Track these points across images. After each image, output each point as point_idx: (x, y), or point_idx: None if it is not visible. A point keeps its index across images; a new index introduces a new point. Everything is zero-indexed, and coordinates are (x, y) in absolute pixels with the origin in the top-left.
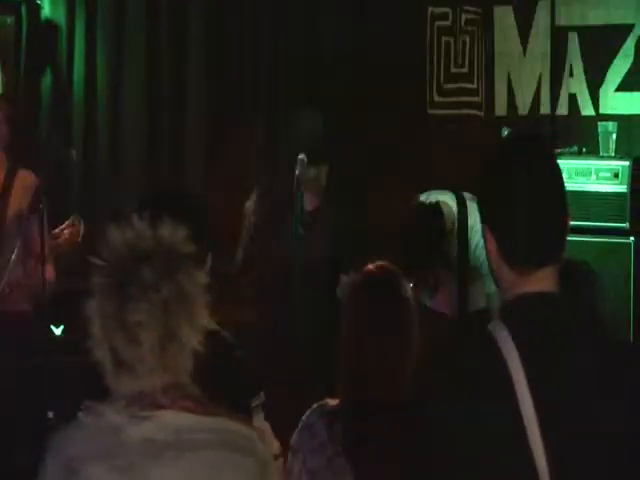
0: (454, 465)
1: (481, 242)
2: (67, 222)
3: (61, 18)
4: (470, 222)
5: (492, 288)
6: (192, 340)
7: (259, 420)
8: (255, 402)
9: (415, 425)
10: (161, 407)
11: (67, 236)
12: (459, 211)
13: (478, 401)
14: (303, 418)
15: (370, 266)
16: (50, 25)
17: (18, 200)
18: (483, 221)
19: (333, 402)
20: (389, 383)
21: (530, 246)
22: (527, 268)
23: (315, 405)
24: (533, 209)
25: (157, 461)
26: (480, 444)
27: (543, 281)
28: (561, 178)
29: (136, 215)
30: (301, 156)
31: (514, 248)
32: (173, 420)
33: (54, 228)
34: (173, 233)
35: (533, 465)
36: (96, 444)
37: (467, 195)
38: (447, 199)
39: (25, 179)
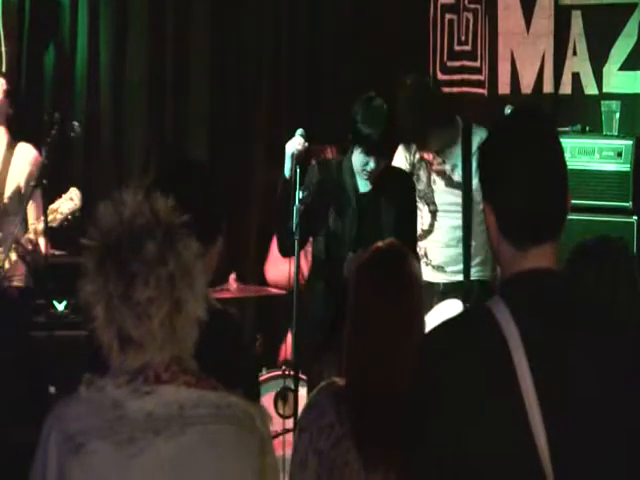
0: (453, 442)
1: None
2: (64, 196)
3: None
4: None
5: None
6: (197, 310)
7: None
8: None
9: (414, 405)
10: (163, 382)
11: (65, 211)
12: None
13: (477, 378)
14: (311, 396)
15: (379, 243)
16: (53, 1)
17: (17, 173)
18: (483, 197)
19: (341, 381)
20: (396, 361)
21: (527, 222)
22: (525, 244)
23: (323, 383)
24: (531, 185)
25: (159, 436)
26: (479, 421)
27: (541, 258)
28: (562, 154)
29: (128, 190)
30: (300, 131)
31: (512, 223)
32: (175, 395)
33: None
34: (167, 204)
35: (533, 442)
36: (98, 418)
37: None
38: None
39: (25, 152)
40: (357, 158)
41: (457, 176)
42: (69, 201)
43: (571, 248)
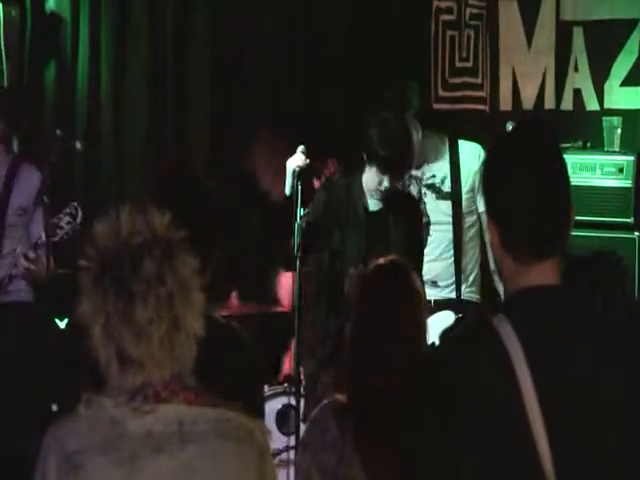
0: (456, 457)
1: None
2: (64, 211)
3: (65, 10)
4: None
5: None
6: (195, 326)
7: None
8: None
9: (415, 417)
10: (162, 400)
11: (65, 226)
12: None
13: (480, 394)
14: (313, 414)
15: (380, 259)
16: (54, 17)
17: (21, 192)
18: (487, 212)
19: (342, 397)
20: (397, 373)
21: (530, 237)
22: (528, 259)
23: (325, 401)
24: (534, 200)
25: (159, 453)
26: (482, 435)
27: (544, 273)
28: (564, 169)
29: (124, 207)
30: (301, 148)
31: (514, 239)
32: (174, 412)
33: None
34: (163, 220)
35: (537, 457)
36: (98, 437)
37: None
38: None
39: (28, 173)
40: (370, 177)
41: (446, 187)
42: (68, 216)
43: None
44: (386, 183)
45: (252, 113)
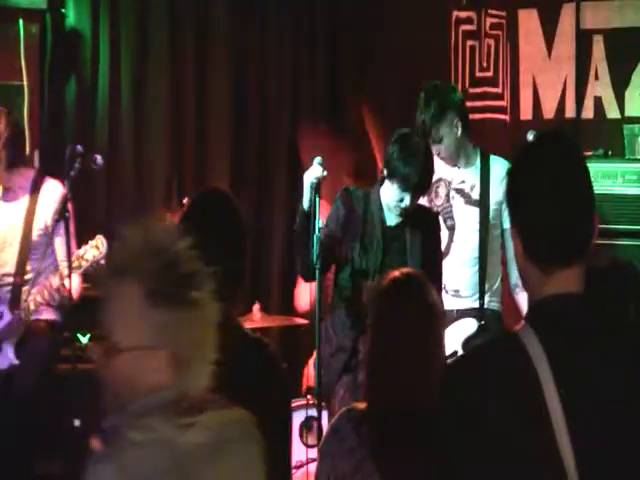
0: (481, 466)
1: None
2: (90, 243)
3: (85, 27)
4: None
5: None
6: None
7: None
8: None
9: (440, 430)
10: (202, 409)
11: (91, 259)
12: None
13: (505, 403)
14: (332, 422)
15: (396, 272)
16: (74, 34)
17: (45, 210)
18: (511, 221)
19: (361, 406)
20: (415, 386)
21: (554, 245)
22: (551, 267)
23: (343, 409)
24: (557, 208)
25: (212, 463)
26: (508, 446)
27: (568, 282)
28: (588, 178)
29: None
30: (318, 160)
31: (538, 247)
32: (212, 420)
33: (79, 238)
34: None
35: (562, 467)
36: (158, 459)
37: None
38: None
39: (52, 189)
40: (390, 193)
41: (476, 194)
42: (94, 249)
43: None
44: (407, 201)
45: (272, 130)
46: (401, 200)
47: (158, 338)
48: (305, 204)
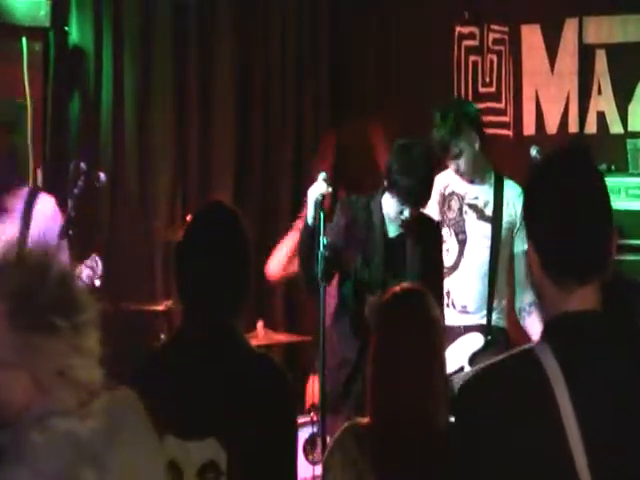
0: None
1: None
2: (85, 262)
3: (89, 44)
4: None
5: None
6: None
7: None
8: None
9: (452, 448)
10: (93, 397)
11: (85, 280)
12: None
13: (520, 419)
14: (335, 437)
15: (397, 287)
16: (78, 51)
17: (38, 225)
18: (528, 237)
19: (364, 421)
20: (416, 401)
21: (572, 262)
22: (569, 284)
23: (347, 424)
24: (574, 224)
25: (110, 443)
26: (526, 468)
27: (585, 298)
28: (605, 194)
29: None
30: (322, 175)
31: (556, 263)
32: (103, 404)
33: (83, 255)
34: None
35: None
36: (67, 453)
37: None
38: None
39: (45, 204)
40: (391, 205)
41: (489, 211)
42: (89, 269)
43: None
44: (407, 213)
45: (276, 146)
46: (401, 212)
47: (18, 358)
48: (309, 220)
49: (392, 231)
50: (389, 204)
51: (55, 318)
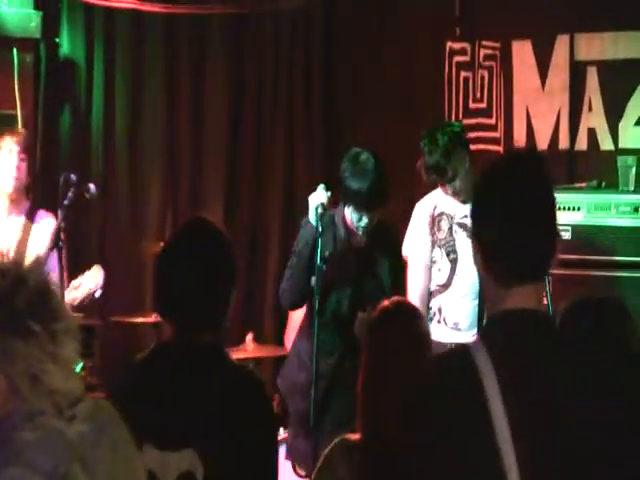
0: None
1: None
2: (87, 274)
3: (80, 56)
4: None
5: None
6: None
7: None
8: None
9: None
10: (77, 401)
11: (86, 291)
12: None
13: (454, 423)
14: (325, 452)
15: (386, 302)
16: (69, 63)
17: (38, 242)
18: (473, 235)
19: (354, 436)
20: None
21: (511, 260)
22: (509, 282)
23: (337, 439)
24: (516, 225)
25: (97, 447)
26: (455, 466)
27: (525, 297)
28: (551, 197)
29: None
30: (321, 186)
31: (497, 262)
32: (86, 409)
33: (74, 267)
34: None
35: None
36: (59, 451)
37: None
38: None
39: (44, 221)
40: (351, 214)
41: None
42: (92, 279)
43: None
44: (365, 219)
45: (267, 162)
46: (360, 219)
47: None
48: (312, 221)
49: (357, 242)
50: (348, 213)
51: (32, 323)
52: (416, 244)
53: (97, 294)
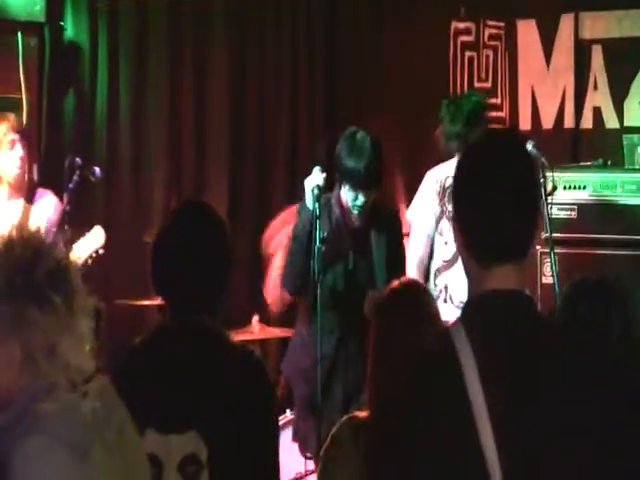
0: (415, 472)
1: None
2: (90, 232)
3: (84, 40)
4: None
5: None
6: None
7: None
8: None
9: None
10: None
11: (91, 249)
12: None
13: (433, 409)
14: (332, 431)
15: (395, 282)
16: (73, 47)
17: (38, 219)
18: (453, 216)
19: (362, 414)
20: None
21: (490, 241)
22: (489, 263)
23: (344, 417)
24: (495, 205)
25: (108, 423)
26: (434, 448)
27: (505, 278)
28: (531, 176)
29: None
30: (317, 168)
31: (476, 242)
32: (95, 387)
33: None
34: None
35: (486, 472)
36: (77, 424)
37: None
38: None
39: (44, 198)
40: (347, 194)
41: None
42: (95, 238)
43: (568, 283)
44: (362, 198)
45: (271, 147)
46: (356, 198)
47: (12, 330)
48: (310, 206)
49: (354, 222)
50: (344, 194)
51: (52, 293)
52: (421, 211)
53: (100, 251)
